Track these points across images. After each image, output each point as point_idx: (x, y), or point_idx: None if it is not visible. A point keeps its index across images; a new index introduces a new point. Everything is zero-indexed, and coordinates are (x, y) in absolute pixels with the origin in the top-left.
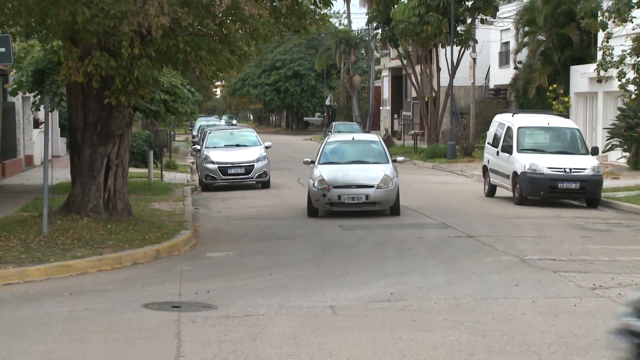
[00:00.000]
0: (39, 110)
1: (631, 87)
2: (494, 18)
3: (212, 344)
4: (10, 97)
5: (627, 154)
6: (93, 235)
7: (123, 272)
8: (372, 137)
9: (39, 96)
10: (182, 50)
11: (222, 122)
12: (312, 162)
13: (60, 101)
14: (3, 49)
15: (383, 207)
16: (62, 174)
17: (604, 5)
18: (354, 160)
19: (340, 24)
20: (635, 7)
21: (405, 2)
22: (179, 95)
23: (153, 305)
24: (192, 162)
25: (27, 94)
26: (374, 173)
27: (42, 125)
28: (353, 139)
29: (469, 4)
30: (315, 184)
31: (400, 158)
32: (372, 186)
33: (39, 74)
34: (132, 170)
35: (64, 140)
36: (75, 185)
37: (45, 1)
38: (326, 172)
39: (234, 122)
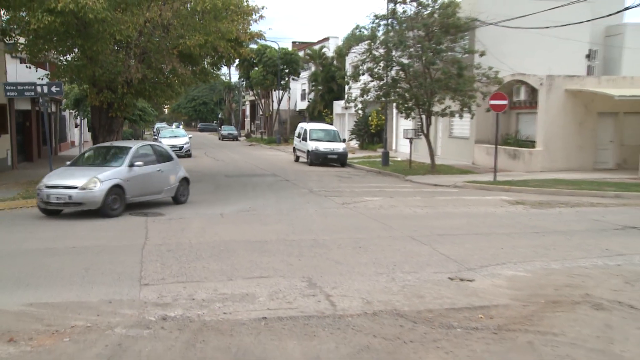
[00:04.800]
0: (77, 118)
1: (360, 112)
2: (298, 77)
3: (162, 231)
4: (62, 112)
5: (359, 142)
6: None
7: None
8: (129, 143)
9: (77, 112)
10: (147, 90)
11: (173, 126)
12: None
13: (87, 114)
14: (59, 89)
15: (90, 208)
16: None
17: (348, 72)
18: (93, 163)
19: (226, 78)
20: (360, 75)
21: (257, 69)
22: (147, 112)
23: (134, 213)
24: None
25: (71, 111)
26: (86, 175)
27: (78, 126)
28: (111, 144)
29: (287, 71)
30: (39, 185)
31: (139, 163)
32: (75, 187)
33: (77, 101)
34: None
35: (90, 134)
36: None
37: (79, 66)
38: (53, 173)
39: (180, 126)
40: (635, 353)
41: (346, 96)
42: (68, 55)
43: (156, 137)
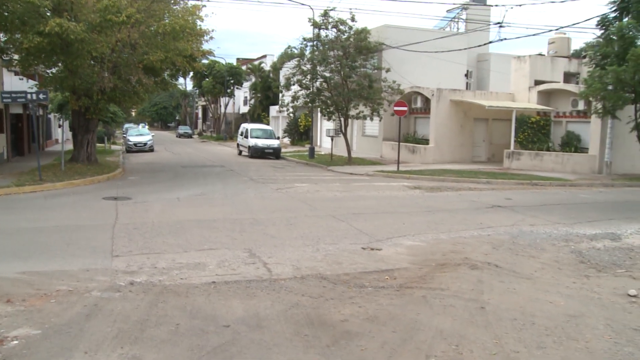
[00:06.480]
0: (60, 120)
1: (291, 115)
2: (241, 87)
3: (129, 212)
4: (48, 115)
5: (290, 139)
6: (82, 170)
7: (94, 185)
8: None
9: (60, 115)
10: (118, 97)
11: (140, 126)
12: None
13: (68, 117)
14: (45, 96)
15: None
16: (69, 146)
17: (282, 83)
18: None
19: (182, 87)
20: (291, 85)
21: (208, 80)
22: (117, 115)
23: (106, 198)
24: (122, 141)
25: (55, 114)
26: None
27: (61, 127)
28: None
29: (232, 82)
30: None
31: None
32: None
33: (60, 106)
34: (98, 144)
35: (71, 133)
36: (74, 150)
37: (62, 77)
38: None
39: (146, 126)
40: (497, 300)
41: (280, 102)
42: (53, 69)
43: (125, 135)
